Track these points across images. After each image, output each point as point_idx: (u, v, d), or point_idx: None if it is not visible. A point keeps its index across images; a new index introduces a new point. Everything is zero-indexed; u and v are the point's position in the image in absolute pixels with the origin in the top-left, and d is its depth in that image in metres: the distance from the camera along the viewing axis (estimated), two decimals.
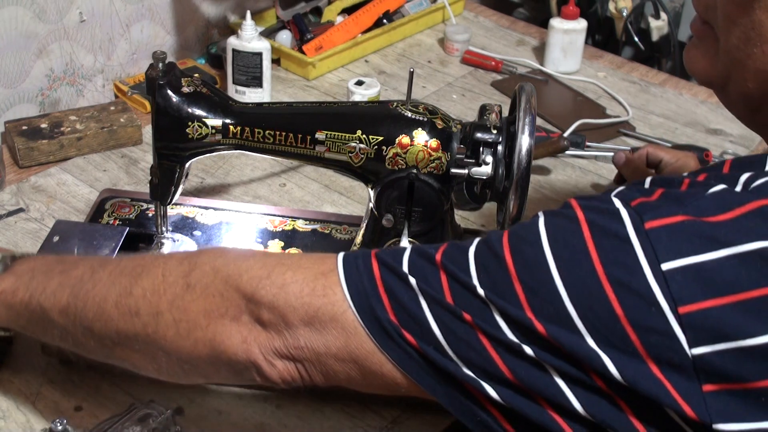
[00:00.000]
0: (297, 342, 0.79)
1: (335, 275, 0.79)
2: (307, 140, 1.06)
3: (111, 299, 0.85)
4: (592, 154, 1.55)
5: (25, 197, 1.39)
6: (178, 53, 1.74)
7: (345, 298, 0.78)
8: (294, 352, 0.80)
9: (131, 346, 0.86)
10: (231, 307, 0.81)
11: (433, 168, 1.04)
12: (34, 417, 1.05)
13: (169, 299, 0.83)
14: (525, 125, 0.98)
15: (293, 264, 0.82)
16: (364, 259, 0.79)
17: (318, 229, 1.23)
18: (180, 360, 0.85)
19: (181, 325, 0.83)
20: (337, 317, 0.78)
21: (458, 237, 1.16)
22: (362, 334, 0.77)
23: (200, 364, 0.84)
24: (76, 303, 0.87)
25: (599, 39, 2.15)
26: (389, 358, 0.77)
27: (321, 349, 0.79)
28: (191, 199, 1.27)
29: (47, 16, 1.49)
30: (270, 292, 0.79)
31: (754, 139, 1.63)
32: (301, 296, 0.79)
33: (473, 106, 1.67)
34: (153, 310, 0.84)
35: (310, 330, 0.79)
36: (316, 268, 0.80)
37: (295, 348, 0.80)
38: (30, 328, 0.95)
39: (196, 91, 1.08)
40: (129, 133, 1.50)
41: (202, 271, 0.83)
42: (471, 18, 2.00)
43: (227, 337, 0.81)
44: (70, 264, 0.92)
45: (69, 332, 0.89)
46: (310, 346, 0.79)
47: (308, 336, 0.79)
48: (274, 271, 0.81)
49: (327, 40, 1.74)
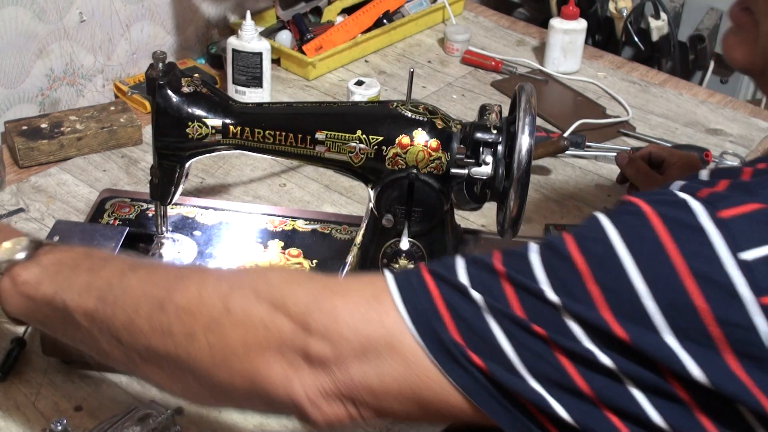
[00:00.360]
0: (349, 379, 0.72)
1: (388, 297, 0.73)
2: (307, 140, 1.06)
3: (142, 312, 0.79)
4: (592, 154, 1.55)
5: (25, 197, 1.39)
6: (178, 53, 1.74)
7: (403, 321, 0.71)
8: (345, 391, 0.72)
9: (159, 365, 0.79)
10: (274, 338, 0.74)
11: (433, 168, 1.04)
12: (34, 417, 1.05)
13: (204, 321, 0.76)
14: (525, 125, 0.98)
15: (341, 288, 0.75)
16: (417, 275, 0.73)
17: (318, 229, 1.23)
18: (212, 387, 0.78)
19: (216, 352, 0.75)
20: (395, 344, 0.71)
21: (458, 237, 1.16)
22: (424, 360, 0.70)
23: (234, 394, 0.77)
24: (104, 308, 0.81)
25: (599, 39, 2.15)
26: (453, 383, 0.70)
27: (376, 384, 0.72)
28: (191, 199, 1.28)
29: (47, 16, 1.49)
30: (319, 323, 0.72)
31: (753, 139, 1.63)
32: (354, 325, 0.72)
33: (473, 106, 1.67)
34: (186, 331, 0.76)
35: (365, 363, 0.72)
36: (366, 291, 0.74)
37: (346, 386, 0.72)
38: (50, 325, 0.88)
39: (196, 91, 1.08)
40: (129, 133, 1.50)
41: (243, 295, 0.76)
42: (471, 18, 1.99)
43: (268, 372, 0.74)
44: (99, 261, 0.86)
45: (94, 338, 0.82)
46: (365, 382, 0.72)
47: (362, 370, 0.72)
48: (321, 297, 0.74)
49: (327, 40, 1.74)
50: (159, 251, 1.16)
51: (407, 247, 1.07)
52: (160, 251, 1.16)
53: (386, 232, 1.07)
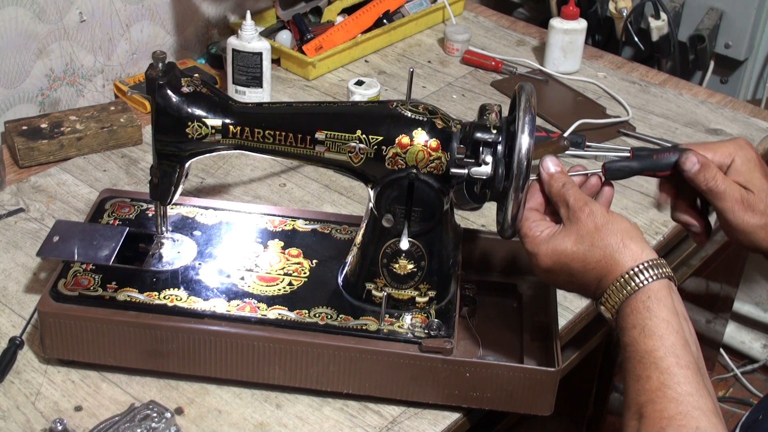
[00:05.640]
0: None
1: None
2: (307, 140, 1.06)
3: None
4: (592, 154, 1.55)
5: (25, 197, 1.39)
6: (178, 53, 1.74)
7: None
8: None
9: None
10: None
11: (432, 168, 1.04)
12: (34, 417, 1.05)
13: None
14: (525, 125, 0.98)
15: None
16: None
17: (318, 229, 1.23)
18: None
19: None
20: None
21: (458, 237, 1.16)
22: None
23: None
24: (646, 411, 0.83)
25: (599, 39, 2.15)
26: None
27: None
28: (191, 199, 1.27)
29: (47, 16, 1.49)
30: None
31: (753, 139, 1.63)
32: None
33: (473, 106, 1.67)
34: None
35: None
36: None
37: None
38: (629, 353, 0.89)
39: (195, 91, 1.08)
40: (129, 133, 1.50)
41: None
42: (471, 18, 2.00)
43: None
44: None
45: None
46: None
47: None
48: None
49: (327, 40, 1.74)
50: (159, 251, 1.16)
51: (407, 247, 1.07)
52: (160, 251, 1.16)
53: (386, 232, 1.07)
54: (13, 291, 1.22)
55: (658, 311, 0.87)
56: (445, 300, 1.11)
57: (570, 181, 0.99)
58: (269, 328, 1.07)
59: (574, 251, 0.94)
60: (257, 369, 1.08)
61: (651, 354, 0.85)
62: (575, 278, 0.95)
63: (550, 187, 0.99)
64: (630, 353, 0.87)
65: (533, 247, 0.97)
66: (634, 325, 0.88)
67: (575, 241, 0.94)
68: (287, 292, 1.12)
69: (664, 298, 0.88)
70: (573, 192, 0.97)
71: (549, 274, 0.98)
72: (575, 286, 0.97)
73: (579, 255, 0.94)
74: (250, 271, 1.14)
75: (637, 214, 1.43)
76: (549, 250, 0.96)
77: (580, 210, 0.95)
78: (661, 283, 0.89)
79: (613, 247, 0.92)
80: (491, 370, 1.05)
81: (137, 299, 1.09)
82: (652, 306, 0.88)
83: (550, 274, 0.97)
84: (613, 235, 0.93)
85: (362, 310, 1.10)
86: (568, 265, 0.95)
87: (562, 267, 0.95)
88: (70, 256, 1.12)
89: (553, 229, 0.97)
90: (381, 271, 1.08)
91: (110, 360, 1.09)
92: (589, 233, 0.94)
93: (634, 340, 0.87)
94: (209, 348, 1.07)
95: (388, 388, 1.07)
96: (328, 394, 1.09)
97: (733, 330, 2.34)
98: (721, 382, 2.34)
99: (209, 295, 1.10)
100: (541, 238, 0.97)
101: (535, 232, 0.98)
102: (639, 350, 0.86)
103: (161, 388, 1.10)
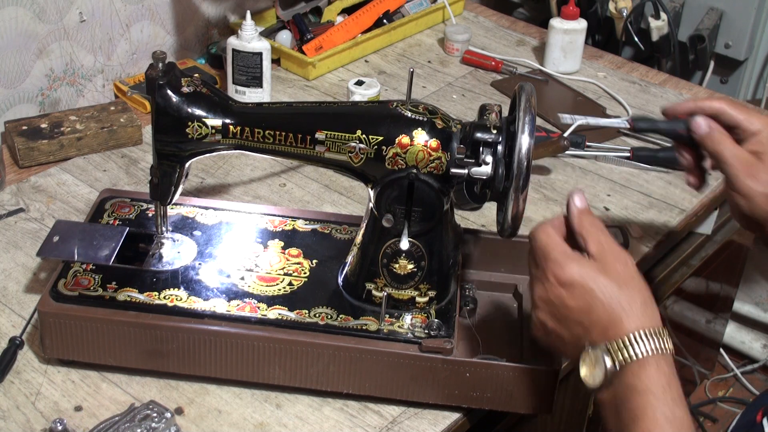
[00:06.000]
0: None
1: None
2: (307, 140, 1.06)
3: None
4: (592, 154, 1.55)
5: (25, 197, 1.39)
6: (178, 53, 1.74)
7: None
8: None
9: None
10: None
11: (433, 168, 1.04)
12: (34, 417, 1.05)
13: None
14: (525, 125, 0.98)
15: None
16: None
17: (318, 229, 1.23)
18: None
19: None
20: None
21: (458, 237, 1.16)
22: None
23: None
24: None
25: (599, 39, 2.15)
26: None
27: None
28: (191, 199, 1.28)
29: (47, 16, 1.49)
30: None
31: None
32: None
33: (473, 106, 1.67)
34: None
35: None
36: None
37: None
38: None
39: (196, 91, 1.08)
40: (129, 133, 1.50)
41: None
42: (471, 18, 2.00)
43: None
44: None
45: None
46: None
47: None
48: None
49: (327, 40, 1.74)
50: (159, 251, 1.16)
51: (407, 247, 1.07)
52: (160, 251, 1.16)
53: (386, 232, 1.07)
54: (13, 291, 1.22)
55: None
56: (445, 300, 1.11)
57: (599, 221, 0.96)
58: (269, 328, 1.07)
59: (606, 284, 0.89)
60: (257, 369, 1.08)
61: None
62: (594, 308, 0.90)
63: (581, 222, 0.95)
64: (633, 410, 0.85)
65: (562, 257, 0.92)
66: (648, 387, 0.85)
67: (607, 276, 0.90)
68: (287, 292, 1.12)
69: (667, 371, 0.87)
70: (603, 234, 0.94)
71: (568, 289, 0.91)
72: (580, 316, 0.91)
73: (608, 290, 0.89)
74: (250, 271, 1.15)
75: (637, 214, 1.44)
76: (581, 271, 0.90)
77: (614, 252, 0.92)
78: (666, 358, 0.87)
79: (644, 297, 0.90)
80: (491, 370, 1.05)
81: (137, 299, 1.09)
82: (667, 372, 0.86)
83: (570, 289, 0.91)
84: (643, 290, 0.90)
85: (362, 310, 1.10)
86: (593, 292, 0.90)
87: (586, 291, 0.90)
88: (70, 256, 1.13)
89: (584, 258, 0.93)
90: (381, 271, 1.08)
91: (110, 360, 1.09)
92: (622, 277, 0.90)
93: (646, 402, 0.85)
94: (209, 348, 1.07)
95: (388, 388, 1.07)
96: (328, 394, 1.09)
97: (733, 330, 2.34)
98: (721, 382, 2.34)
99: (209, 295, 1.10)
100: (574, 257, 0.92)
101: (566, 249, 0.93)
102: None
103: (161, 388, 1.10)
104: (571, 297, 0.91)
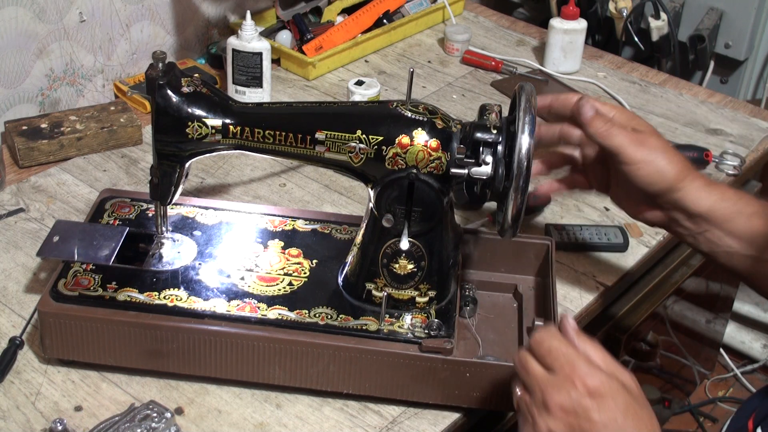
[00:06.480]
0: None
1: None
2: (307, 140, 1.06)
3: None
4: None
5: (25, 197, 1.39)
6: (178, 53, 1.74)
7: None
8: None
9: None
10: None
11: (433, 168, 1.04)
12: (34, 417, 1.05)
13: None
14: (525, 125, 0.98)
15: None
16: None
17: (318, 229, 1.23)
18: None
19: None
20: None
21: (458, 237, 1.16)
22: None
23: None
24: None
25: (599, 39, 2.15)
26: None
27: None
28: (191, 199, 1.27)
29: (47, 16, 1.49)
30: None
31: (753, 139, 1.63)
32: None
33: (473, 106, 1.67)
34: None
35: None
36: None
37: None
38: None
39: (196, 91, 1.08)
40: (129, 133, 1.50)
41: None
42: (471, 18, 2.00)
43: None
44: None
45: None
46: None
47: None
48: None
49: (327, 40, 1.74)
50: (159, 251, 1.16)
51: (407, 247, 1.07)
52: (160, 251, 1.16)
53: (386, 232, 1.07)
54: (13, 291, 1.22)
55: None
56: (445, 300, 1.11)
57: None
58: (269, 328, 1.07)
59: (629, 392, 0.87)
60: (257, 369, 1.08)
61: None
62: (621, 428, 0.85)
63: (582, 340, 0.91)
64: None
65: (587, 365, 0.87)
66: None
67: (629, 394, 0.87)
68: (287, 292, 1.12)
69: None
70: (605, 353, 0.91)
71: (597, 400, 0.85)
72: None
73: (631, 398, 0.86)
74: (250, 271, 1.15)
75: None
76: (610, 384, 0.86)
77: (620, 370, 0.89)
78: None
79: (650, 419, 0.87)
80: (491, 370, 1.05)
81: (137, 299, 1.09)
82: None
83: (600, 401, 0.85)
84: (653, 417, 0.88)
85: (362, 310, 1.10)
86: (621, 398, 0.85)
87: (616, 406, 0.85)
88: (70, 256, 1.13)
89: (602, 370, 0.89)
90: (381, 271, 1.08)
91: (110, 360, 1.09)
92: (637, 394, 0.88)
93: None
94: (209, 348, 1.07)
95: (388, 388, 1.07)
96: (328, 394, 1.09)
97: (733, 330, 2.34)
98: (721, 382, 2.34)
99: (209, 295, 1.10)
100: (597, 365, 0.88)
101: (587, 356, 0.88)
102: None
103: (161, 388, 1.10)
104: (598, 410, 0.84)
